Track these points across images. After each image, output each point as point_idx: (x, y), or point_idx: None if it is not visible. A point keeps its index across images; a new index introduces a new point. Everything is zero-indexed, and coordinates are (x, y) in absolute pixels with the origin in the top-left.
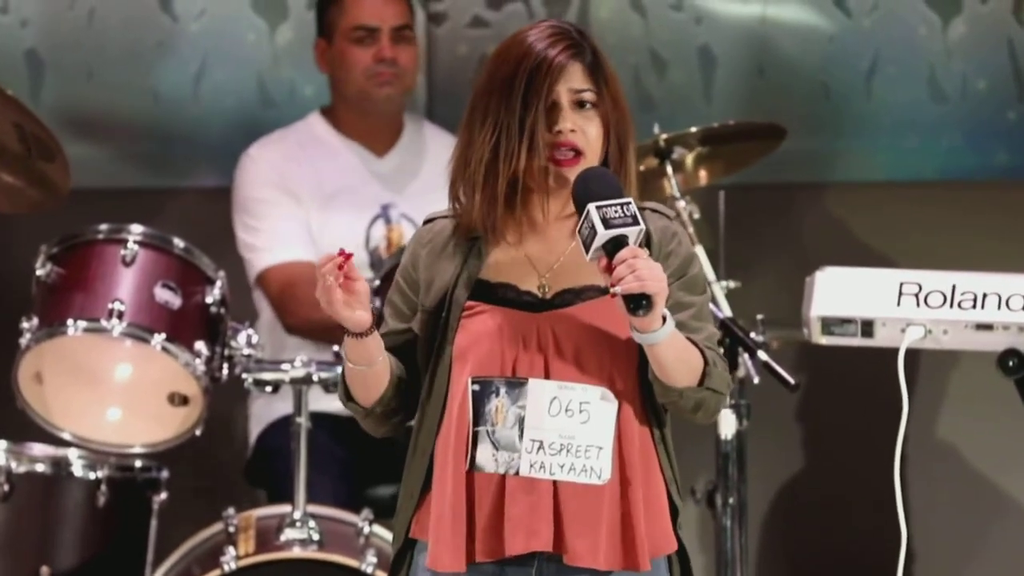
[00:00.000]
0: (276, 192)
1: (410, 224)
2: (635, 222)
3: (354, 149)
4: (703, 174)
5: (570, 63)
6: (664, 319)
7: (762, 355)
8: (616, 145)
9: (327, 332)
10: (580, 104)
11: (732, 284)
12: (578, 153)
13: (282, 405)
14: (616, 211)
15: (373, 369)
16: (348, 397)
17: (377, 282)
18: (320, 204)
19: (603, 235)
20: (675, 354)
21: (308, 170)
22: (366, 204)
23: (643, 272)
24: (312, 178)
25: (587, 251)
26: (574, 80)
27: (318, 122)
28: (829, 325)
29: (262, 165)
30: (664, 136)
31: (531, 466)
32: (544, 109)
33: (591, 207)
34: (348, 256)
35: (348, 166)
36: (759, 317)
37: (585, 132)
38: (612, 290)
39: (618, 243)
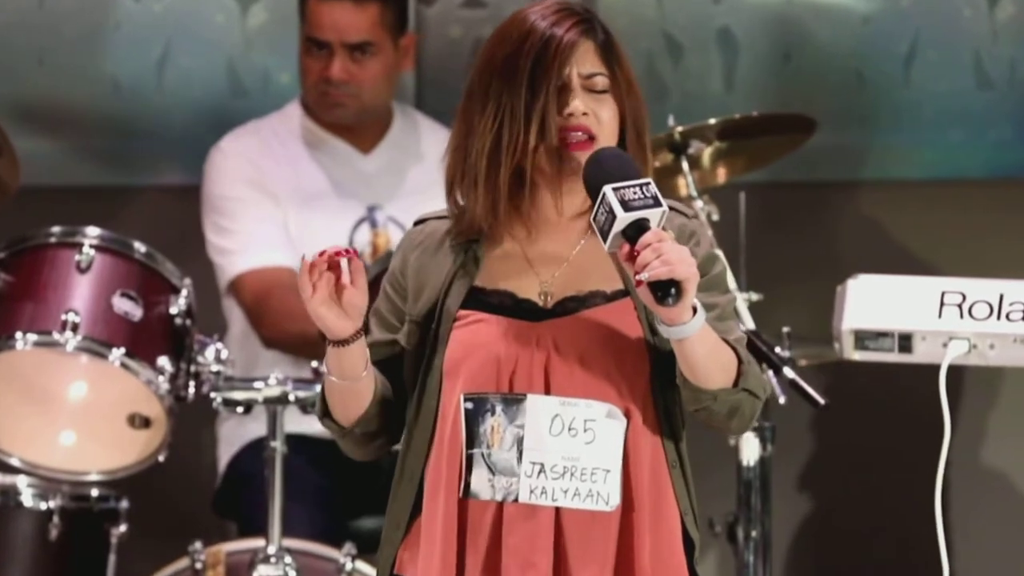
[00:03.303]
0: (250, 190)
1: (398, 228)
2: (657, 203)
3: (337, 145)
4: (722, 171)
5: (581, 41)
6: (695, 310)
7: (788, 372)
8: (634, 133)
9: (307, 345)
10: (592, 88)
11: (755, 296)
12: (591, 138)
13: (255, 427)
14: (635, 192)
15: (355, 385)
16: (325, 413)
17: None
18: (299, 205)
19: (623, 218)
20: (707, 350)
21: (285, 167)
22: (349, 206)
23: (670, 256)
24: (290, 176)
25: (605, 239)
26: (585, 61)
27: (297, 113)
28: (863, 339)
29: (234, 160)
30: (680, 129)
31: (531, 492)
32: (554, 91)
33: (607, 189)
34: (352, 254)
35: (330, 164)
36: (785, 330)
37: (598, 116)
38: (637, 277)
39: (640, 227)
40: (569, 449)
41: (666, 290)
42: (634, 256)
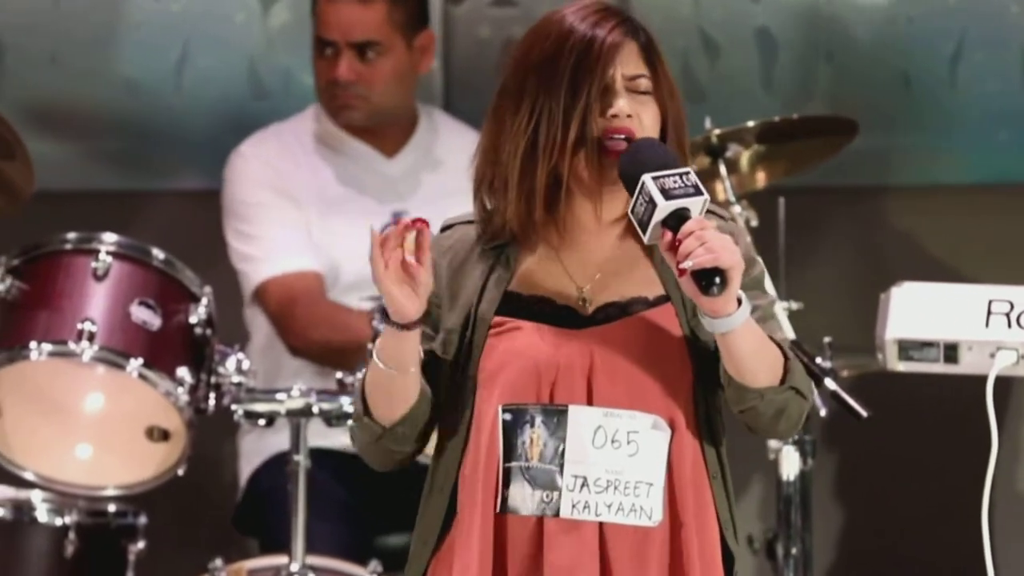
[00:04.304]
0: (273, 195)
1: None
2: (698, 192)
3: (359, 148)
4: (761, 176)
5: (625, 42)
6: (739, 302)
7: (829, 383)
8: (675, 138)
9: (333, 354)
10: (635, 89)
11: (795, 305)
12: (632, 142)
13: (277, 441)
14: (676, 181)
15: (404, 378)
16: (365, 410)
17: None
18: (321, 210)
19: (664, 207)
20: (752, 345)
21: (307, 171)
22: (374, 211)
23: (714, 243)
24: (312, 181)
25: (644, 230)
26: (629, 62)
27: (319, 116)
28: (907, 349)
29: (255, 164)
30: (717, 131)
31: (573, 506)
32: (597, 92)
33: (646, 178)
34: (424, 225)
35: (353, 168)
36: (826, 340)
37: (641, 118)
38: (680, 266)
39: (681, 216)
40: (612, 462)
41: (710, 279)
42: (676, 246)
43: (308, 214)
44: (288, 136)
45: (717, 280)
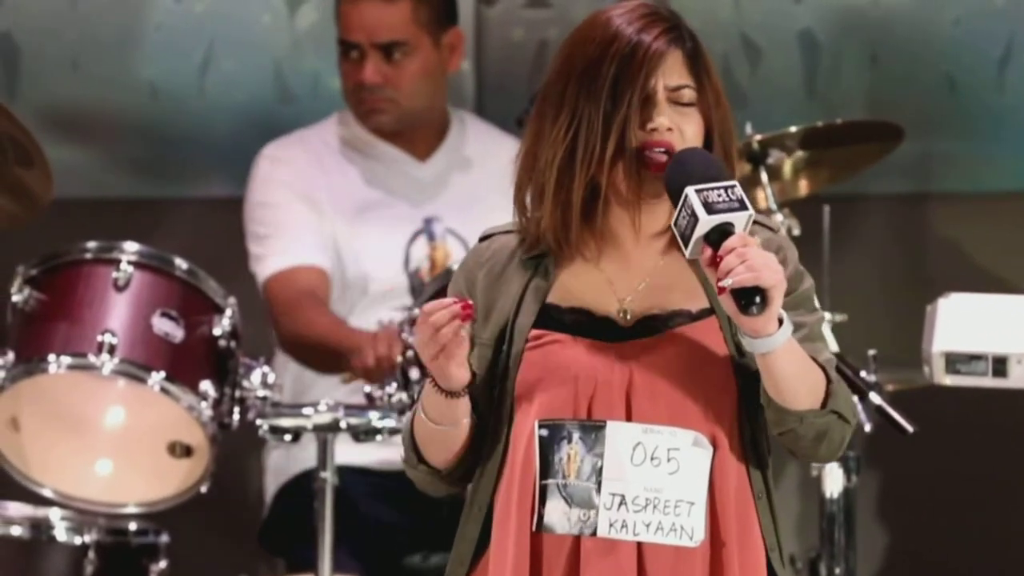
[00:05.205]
0: (290, 195)
1: (457, 240)
2: (743, 206)
3: (390, 152)
4: (804, 183)
5: (669, 50)
6: (780, 322)
7: (874, 398)
8: (720, 148)
9: (318, 356)
10: (678, 100)
11: (838, 317)
12: (671, 156)
13: (304, 457)
14: (720, 194)
15: (456, 429)
16: (419, 459)
17: (417, 311)
18: (350, 217)
19: (706, 221)
20: (794, 368)
21: (336, 177)
22: (405, 217)
23: (756, 262)
24: (340, 186)
25: (686, 244)
26: (673, 72)
27: (347, 120)
28: (954, 362)
29: (277, 166)
30: (758, 137)
31: (611, 525)
32: (638, 102)
33: (690, 191)
34: (470, 309)
35: (383, 172)
36: (871, 353)
37: (683, 131)
38: (720, 284)
39: (724, 232)
40: (652, 480)
41: (750, 298)
42: (717, 262)
43: (334, 221)
44: (314, 141)
45: (757, 299)
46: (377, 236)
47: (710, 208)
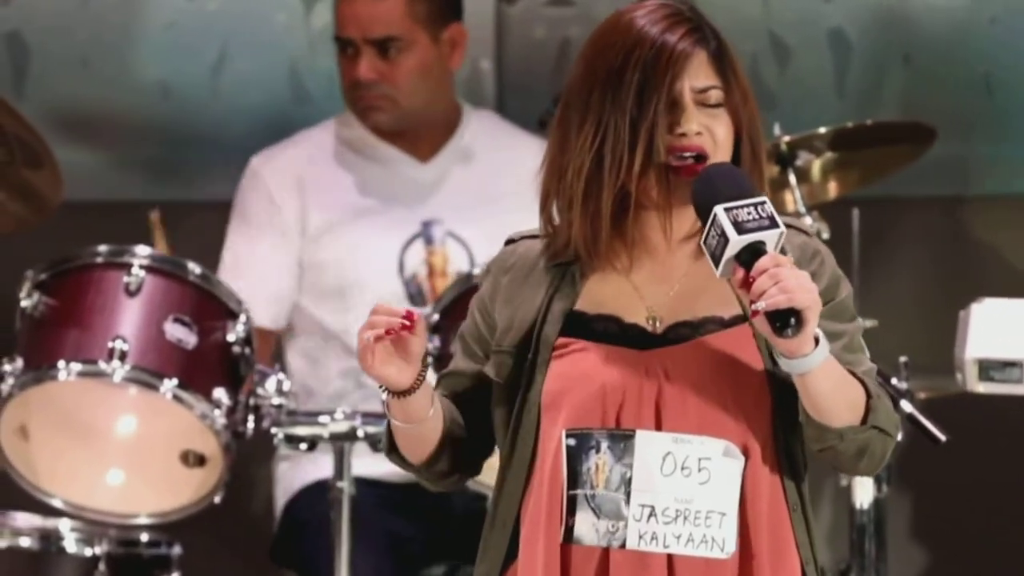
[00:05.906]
0: (260, 223)
1: (458, 244)
2: (773, 224)
3: (389, 153)
4: (834, 185)
5: (695, 52)
6: (816, 341)
7: (906, 405)
8: (749, 148)
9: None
10: (705, 102)
11: (869, 322)
12: (702, 159)
13: (314, 468)
14: (750, 212)
15: (421, 427)
16: (391, 448)
17: (436, 317)
18: (343, 222)
19: (736, 242)
20: (832, 385)
21: (330, 180)
22: (401, 221)
23: (789, 283)
24: (335, 190)
25: (717, 265)
26: (699, 73)
27: (348, 121)
28: (988, 369)
29: (258, 186)
30: (787, 138)
31: (640, 537)
32: (665, 107)
33: (719, 210)
34: (412, 320)
35: (381, 174)
36: (902, 360)
37: (713, 134)
38: (754, 306)
39: (755, 251)
40: (682, 490)
41: (785, 320)
42: (749, 283)
43: (317, 235)
44: (307, 146)
45: (792, 321)
46: (373, 242)
47: (740, 228)
